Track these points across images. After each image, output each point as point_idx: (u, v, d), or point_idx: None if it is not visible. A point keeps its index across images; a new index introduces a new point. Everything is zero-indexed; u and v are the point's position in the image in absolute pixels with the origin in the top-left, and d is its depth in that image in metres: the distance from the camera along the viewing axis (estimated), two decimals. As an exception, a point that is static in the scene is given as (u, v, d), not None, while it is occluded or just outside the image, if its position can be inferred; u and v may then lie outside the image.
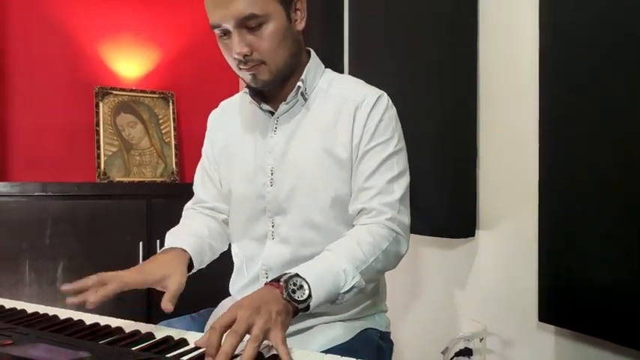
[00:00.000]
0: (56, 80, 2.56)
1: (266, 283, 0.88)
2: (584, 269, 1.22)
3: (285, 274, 0.89)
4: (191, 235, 1.14)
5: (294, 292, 0.87)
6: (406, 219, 1.10)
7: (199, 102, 2.81)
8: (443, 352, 1.61)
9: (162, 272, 0.99)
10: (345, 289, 0.95)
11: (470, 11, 1.65)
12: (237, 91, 1.29)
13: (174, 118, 2.77)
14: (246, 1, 0.99)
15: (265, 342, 0.77)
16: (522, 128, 1.49)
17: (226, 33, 1.04)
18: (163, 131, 2.75)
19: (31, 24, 2.52)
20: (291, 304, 0.85)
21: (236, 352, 0.74)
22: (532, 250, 1.37)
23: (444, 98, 1.67)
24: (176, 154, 2.75)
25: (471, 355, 1.58)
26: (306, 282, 0.89)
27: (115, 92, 2.66)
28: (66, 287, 0.91)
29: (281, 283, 0.86)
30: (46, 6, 2.55)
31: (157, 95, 2.77)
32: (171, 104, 2.78)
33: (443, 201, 1.67)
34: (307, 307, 0.88)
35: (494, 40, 1.61)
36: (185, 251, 1.08)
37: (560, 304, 1.29)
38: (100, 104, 2.60)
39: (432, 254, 1.83)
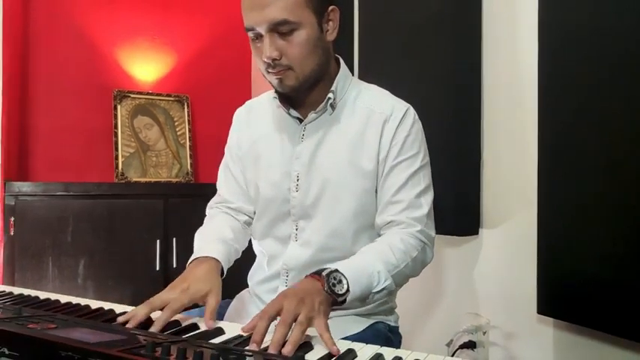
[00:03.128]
0: (76, 84, 2.65)
1: (307, 276, 0.94)
2: (581, 265, 1.28)
3: (326, 268, 0.95)
4: (220, 241, 1.16)
5: (334, 285, 0.93)
6: (432, 232, 1.16)
7: (213, 105, 2.90)
8: (447, 345, 1.68)
9: (204, 289, 1.01)
10: (377, 290, 1.02)
11: (474, 20, 1.72)
12: (250, 94, 1.34)
13: (189, 121, 2.86)
14: (280, 7, 1.02)
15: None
16: (523, 131, 1.55)
17: (258, 37, 1.07)
18: (178, 133, 2.84)
19: (52, 31, 2.62)
20: (331, 296, 0.92)
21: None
22: (532, 248, 1.44)
23: (449, 102, 1.73)
24: (191, 155, 2.83)
25: (475, 347, 1.65)
26: (345, 277, 0.95)
27: (132, 95, 2.75)
28: (123, 320, 0.92)
29: (322, 276, 0.92)
30: (67, 13, 2.65)
31: (172, 98, 2.85)
32: (186, 107, 2.87)
33: (449, 201, 1.73)
34: (344, 301, 0.94)
35: (497, 48, 1.68)
36: (218, 261, 1.10)
37: (558, 297, 1.36)
38: (118, 107, 2.70)
39: (438, 252, 1.89)
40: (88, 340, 0.76)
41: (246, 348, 0.80)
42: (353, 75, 1.24)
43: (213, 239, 1.16)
